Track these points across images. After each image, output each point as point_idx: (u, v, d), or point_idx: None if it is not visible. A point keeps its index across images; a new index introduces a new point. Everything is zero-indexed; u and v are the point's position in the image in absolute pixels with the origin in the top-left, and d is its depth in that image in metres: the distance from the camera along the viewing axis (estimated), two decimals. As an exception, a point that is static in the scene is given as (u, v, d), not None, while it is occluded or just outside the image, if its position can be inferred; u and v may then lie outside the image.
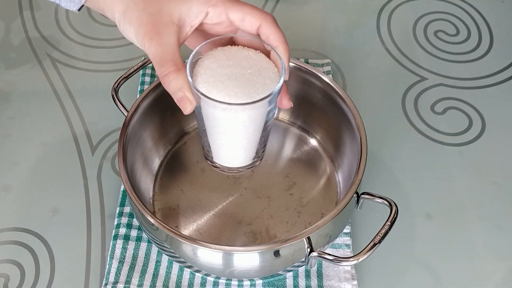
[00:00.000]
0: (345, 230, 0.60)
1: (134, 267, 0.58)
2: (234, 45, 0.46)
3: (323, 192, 0.62)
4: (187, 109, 0.44)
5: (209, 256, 0.51)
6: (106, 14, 0.45)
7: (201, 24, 0.45)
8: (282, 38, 0.45)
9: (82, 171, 0.67)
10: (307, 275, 0.58)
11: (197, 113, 0.47)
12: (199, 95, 0.43)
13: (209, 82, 0.44)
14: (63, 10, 0.85)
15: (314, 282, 0.57)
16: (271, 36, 0.44)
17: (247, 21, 0.44)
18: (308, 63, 0.75)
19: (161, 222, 0.50)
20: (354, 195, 0.52)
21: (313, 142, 0.66)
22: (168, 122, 0.64)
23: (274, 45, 0.45)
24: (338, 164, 0.64)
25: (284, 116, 0.68)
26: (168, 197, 0.62)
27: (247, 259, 0.51)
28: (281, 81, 0.44)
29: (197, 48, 0.45)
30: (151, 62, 0.63)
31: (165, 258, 0.59)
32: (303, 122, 0.67)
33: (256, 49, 0.47)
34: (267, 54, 0.46)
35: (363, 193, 0.54)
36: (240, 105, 0.43)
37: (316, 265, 0.58)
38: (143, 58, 0.74)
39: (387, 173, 0.66)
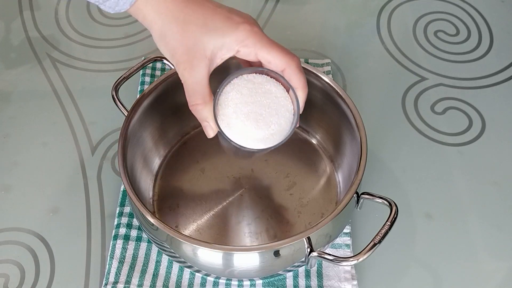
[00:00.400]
0: (345, 230, 0.60)
1: (134, 267, 0.58)
2: (259, 72, 0.50)
3: (323, 192, 0.62)
4: (210, 135, 0.49)
5: (209, 256, 0.51)
6: (143, 24, 0.48)
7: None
8: (302, 83, 0.48)
9: (82, 171, 0.67)
10: (307, 275, 0.58)
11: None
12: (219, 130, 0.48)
13: (230, 120, 0.48)
14: (63, 10, 0.85)
15: (314, 282, 0.57)
16: (293, 80, 0.48)
17: (273, 64, 0.47)
18: (308, 63, 0.75)
19: (161, 222, 0.50)
20: (354, 195, 0.52)
21: (313, 142, 0.66)
22: (168, 122, 0.64)
23: (295, 87, 0.48)
24: (338, 164, 0.64)
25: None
26: (168, 197, 0.62)
27: (247, 259, 0.51)
28: (294, 123, 0.49)
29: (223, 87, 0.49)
30: (151, 62, 0.63)
31: (165, 258, 0.59)
32: (303, 122, 0.67)
33: (278, 81, 0.49)
34: (288, 88, 0.49)
35: (363, 193, 0.54)
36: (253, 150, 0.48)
37: (316, 265, 0.58)
38: (143, 58, 0.74)
39: (387, 173, 0.66)
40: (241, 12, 0.47)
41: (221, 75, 0.49)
